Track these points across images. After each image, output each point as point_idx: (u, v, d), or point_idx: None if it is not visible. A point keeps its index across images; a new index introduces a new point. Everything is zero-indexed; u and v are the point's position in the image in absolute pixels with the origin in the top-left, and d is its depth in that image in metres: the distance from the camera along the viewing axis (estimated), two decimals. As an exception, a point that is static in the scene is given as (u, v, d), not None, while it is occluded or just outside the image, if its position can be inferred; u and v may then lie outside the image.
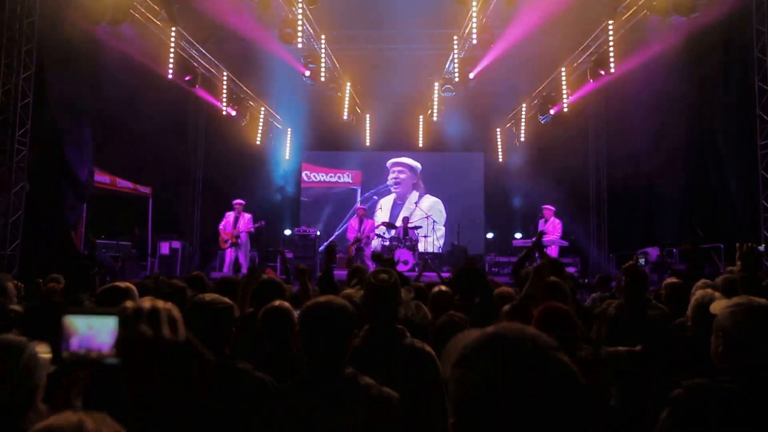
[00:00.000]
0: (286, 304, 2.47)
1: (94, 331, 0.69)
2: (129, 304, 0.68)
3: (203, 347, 0.71)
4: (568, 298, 2.71)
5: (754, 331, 1.57)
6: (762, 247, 6.56)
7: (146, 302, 0.68)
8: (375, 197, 13.46)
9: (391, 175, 13.70)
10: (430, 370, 2.11)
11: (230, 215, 10.04)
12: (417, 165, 13.76)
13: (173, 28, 8.97)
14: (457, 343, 0.73)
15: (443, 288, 3.39)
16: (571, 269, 9.42)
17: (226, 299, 1.99)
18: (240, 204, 10.14)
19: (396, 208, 13.47)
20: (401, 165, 13.73)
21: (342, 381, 1.62)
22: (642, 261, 7.75)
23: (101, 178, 9.27)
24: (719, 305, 1.84)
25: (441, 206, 13.55)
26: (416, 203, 13.18)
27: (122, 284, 2.54)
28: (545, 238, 9.41)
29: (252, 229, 10.20)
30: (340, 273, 6.02)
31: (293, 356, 2.26)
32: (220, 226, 10.10)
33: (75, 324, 0.69)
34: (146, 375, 0.64)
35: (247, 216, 10.15)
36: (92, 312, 0.70)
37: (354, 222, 10.57)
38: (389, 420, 1.59)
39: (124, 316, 0.66)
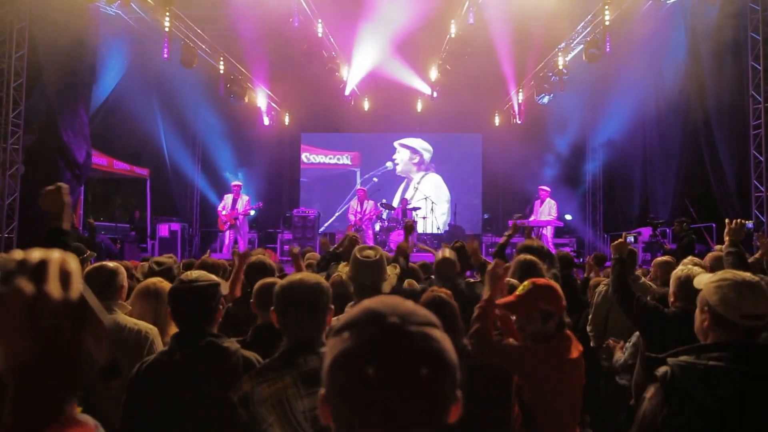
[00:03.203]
0: (279, 280, 2.50)
1: None
2: (17, 255, 0.58)
3: (100, 308, 0.61)
4: (543, 275, 2.75)
5: (741, 306, 1.55)
6: (750, 224, 6.61)
7: (36, 253, 0.58)
8: (374, 179, 13.45)
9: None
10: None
11: (228, 197, 10.10)
12: (418, 146, 13.74)
13: (169, 8, 8.85)
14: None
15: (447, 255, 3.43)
16: (566, 249, 9.51)
17: (213, 276, 1.97)
18: (238, 186, 10.18)
19: (404, 189, 13.54)
20: (401, 146, 13.74)
21: (319, 359, 1.57)
22: (631, 239, 7.80)
23: (98, 160, 9.26)
24: (703, 280, 1.82)
25: (444, 186, 13.57)
26: (417, 184, 13.22)
27: (110, 264, 2.43)
28: (540, 221, 9.47)
29: (250, 211, 10.25)
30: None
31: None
32: (219, 208, 10.16)
33: None
34: (22, 337, 0.55)
35: (246, 198, 10.20)
36: None
37: (354, 203, 10.59)
38: None
39: (5, 270, 0.57)
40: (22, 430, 0.55)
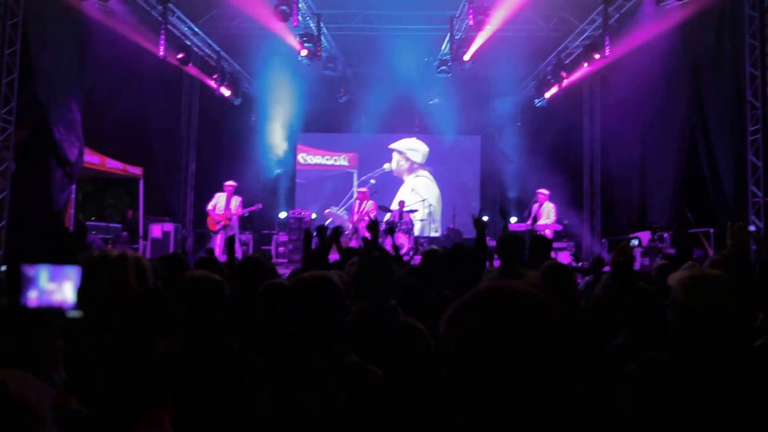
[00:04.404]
0: (285, 282, 2.45)
1: (55, 282, 0.63)
2: (94, 252, 0.65)
3: (172, 298, 0.67)
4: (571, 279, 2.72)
5: (704, 302, 1.55)
6: (753, 227, 6.62)
7: (113, 251, 0.65)
8: (372, 181, 13.38)
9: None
10: (423, 347, 2.11)
11: (220, 196, 9.93)
12: (407, 147, 13.68)
13: (166, 5, 8.79)
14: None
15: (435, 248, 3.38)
16: (565, 253, 9.49)
17: (216, 276, 1.93)
18: (232, 186, 10.03)
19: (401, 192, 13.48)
20: (395, 151, 13.69)
21: (326, 358, 1.59)
22: (635, 242, 7.81)
23: (90, 158, 9.13)
24: (674, 277, 1.83)
25: (437, 189, 13.53)
26: (412, 186, 13.17)
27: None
28: (539, 224, 9.45)
29: (244, 213, 10.14)
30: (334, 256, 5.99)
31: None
32: (209, 208, 9.99)
33: (34, 274, 0.63)
34: (111, 325, 0.61)
35: (238, 199, 10.06)
36: (53, 261, 0.64)
37: (354, 205, 10.52)
38: (373, 398, 1.57)
39: (89, 264, 0.62)
40: (111, 403, 0.62)
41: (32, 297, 0.63)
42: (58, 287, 0.64)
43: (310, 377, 1.55)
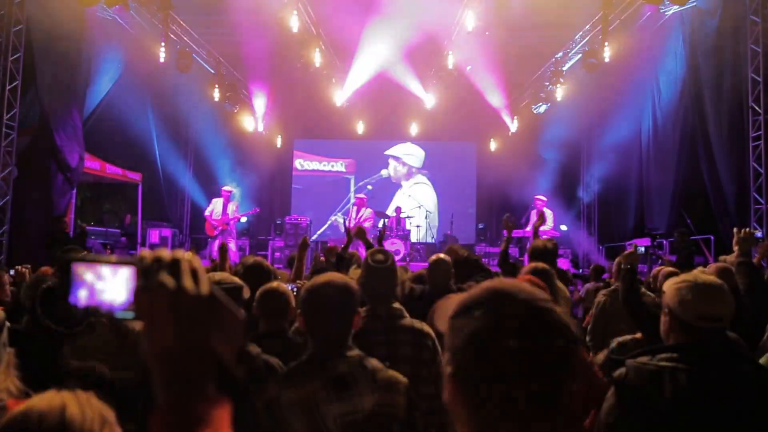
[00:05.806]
0: (283, 285, 2.43)
1: (105, 283, 0.62)
2: (148, 254, 0.63)
3: (232, 303, 0.66)
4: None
5: (696, 308, 1.54)
6: (759, 233, 6.59)
7: (166, 252, 0.64)
8: (369, 187, 13.38)
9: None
10: (430, 349, 2.11)
11: (217, 202, 9.91)
12: (404, 152, 13.71)
13: (167, 12, 8.81)
14: (448, 303, 0.78)
15: (441, 256, 3.31)
16: (564, 260, 9.48)
17: (236, 279, 1.93)
18: (229, 191, 10.03)
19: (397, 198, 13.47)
20: (391, 157, 13.71)
21: (348, 364, 1.57)
22: (641, 249, 7.80)
23: (91, 163, 9.13)
24: (669, 282, 1.83)
25: (434, 195, 13.54)
26: (409, 191, 13.18)
27: None
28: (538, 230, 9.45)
29: (242, 217, 10.13)
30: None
31: (288, 337, 2.24)
32: (206, 213, 9.97)
33: (83, 273, 0.62)
34: (165, 330, 0.60)
35: (236, 204, 10.06)
36: (104, 260, 0.63)
37: (351, 212, 10.52)
38: (397, 405, 1.54)
39: (143, 265, 0.61)
40: (172, 406, 0.61)
41: (81, 296, 0.62)
42: (107, 286, 0.62)
43: (334, 385, 1.52)
